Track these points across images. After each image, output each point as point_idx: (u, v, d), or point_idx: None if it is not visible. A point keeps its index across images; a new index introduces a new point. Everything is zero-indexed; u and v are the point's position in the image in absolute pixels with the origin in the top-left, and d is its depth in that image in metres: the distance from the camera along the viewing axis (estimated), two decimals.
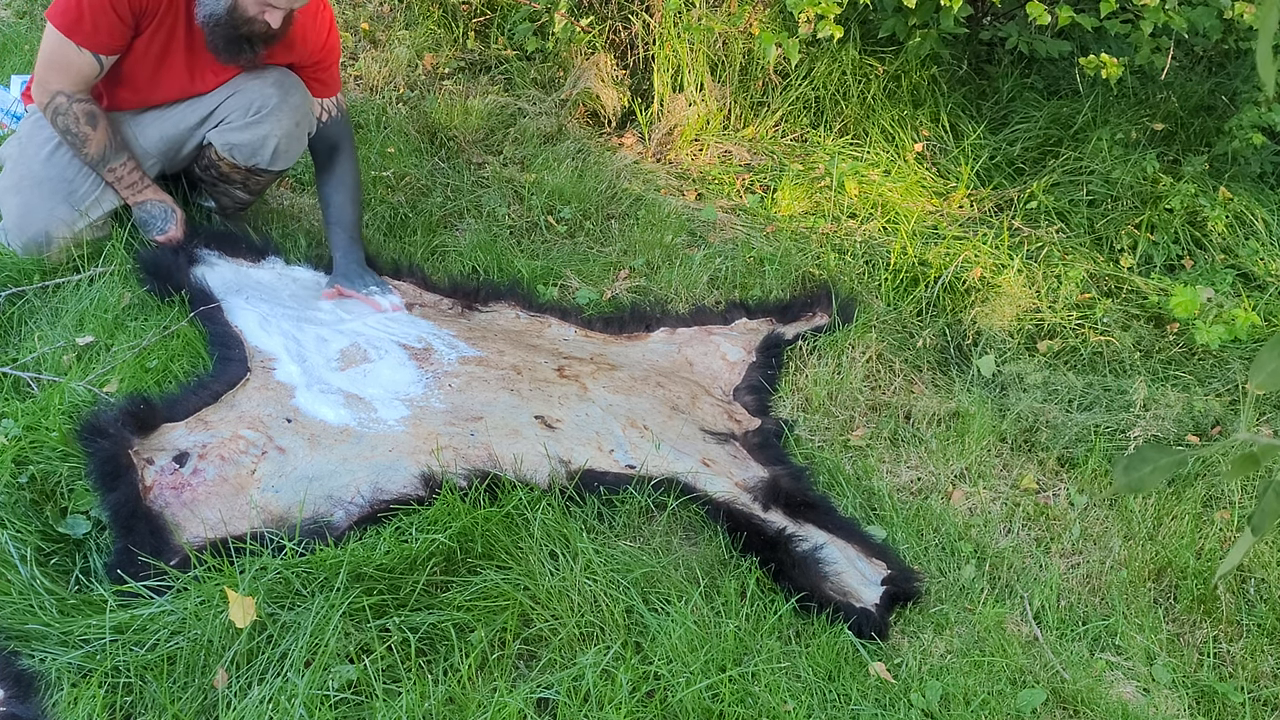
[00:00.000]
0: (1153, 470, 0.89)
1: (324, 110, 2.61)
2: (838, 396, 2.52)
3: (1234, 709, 1.89)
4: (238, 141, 2.49)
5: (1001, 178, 3.48)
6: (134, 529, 1.77)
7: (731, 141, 3.65)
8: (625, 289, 2.89)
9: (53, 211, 2.39)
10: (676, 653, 1.73)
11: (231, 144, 2.49)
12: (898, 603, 1.97)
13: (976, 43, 3.81)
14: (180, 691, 1.58)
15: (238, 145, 2.49)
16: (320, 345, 2.32)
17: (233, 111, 2.48)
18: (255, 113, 2.47)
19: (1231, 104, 3.48)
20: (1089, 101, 3.50)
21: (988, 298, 2.91)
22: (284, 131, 2.49)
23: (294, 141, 2.53)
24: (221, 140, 2.49)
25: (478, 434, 2.11)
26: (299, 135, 2.54)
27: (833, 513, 2.16)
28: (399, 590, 1.74)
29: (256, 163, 2.52)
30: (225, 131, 2.49)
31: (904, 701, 1.77)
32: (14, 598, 1.68)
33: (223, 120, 2.49)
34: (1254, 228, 3.22)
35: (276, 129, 2.48)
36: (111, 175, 2.40)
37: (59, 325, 2.28)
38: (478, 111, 3.57)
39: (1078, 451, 2.44)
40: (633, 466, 2.11)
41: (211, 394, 2.11)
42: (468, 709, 1.60)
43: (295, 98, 2.50)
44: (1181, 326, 2.87)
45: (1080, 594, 2.09)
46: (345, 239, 2.59)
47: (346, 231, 2.59)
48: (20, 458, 1.89)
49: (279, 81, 2.48)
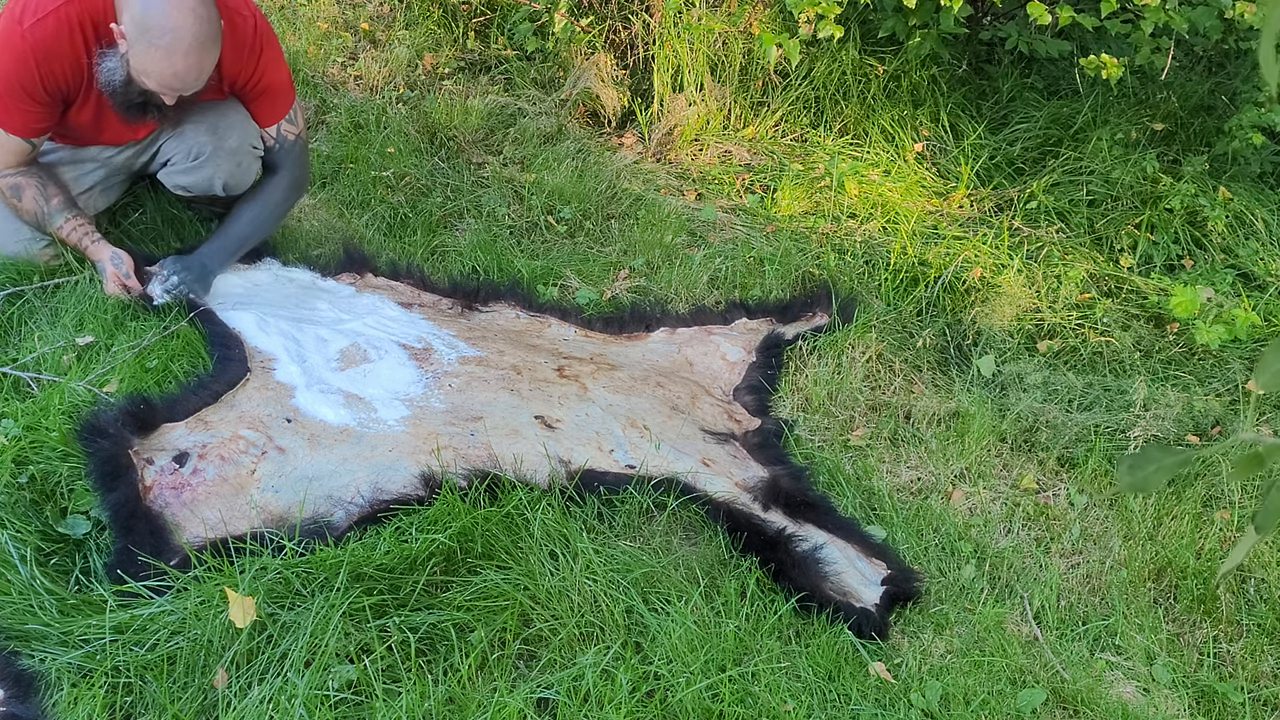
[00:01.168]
0: (1157, 470, 0.89)
1: (270, 137, 2.53)
2: (838, 396, 2.52)
3: (1234, 709, 1.89)
4: (186, 183, 2.51)
5: (1001, 178, 3.48)
6: (134, 529, 1.77)
7: (731, 141, 3.65)
8: (625, 289, 2.89)
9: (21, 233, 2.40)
10: (676, 653, 1.73)
11: (181, 185, 2.51)
12: (898, 603, 1.97)
13: (976, 43, 3.81)
14: (180, 691, 1.58)
15: (187, 186, 2.51)
16: (320, 345, 2.32)
17: (175, 153, 2.49)
18: (194, 158, 2.47)
19: (1231, 104, 3.48)
20: (1089, 101, 3.50)
21: (988, 298, 2.91)
22: (226, 173, 2.48)
23: (239, 177, 2.51)
24: (171, 182, 2.52)
25: (478, 434, 2.11)
26: (244, 171, 2.51)
27: (833, 513, 2.16)
28: (399, 590, 1.74)
29: (211, 194, 2.53)
30: (172, 174, 2.50)
31: (904, 701, 1.77)
32: (14, 598, 1.68)
33: (168, 160, 2.50)
34: (1254, 228, 3.22)
35: (219, 172, 2.48)
36: (60, 234, 2.38)
37: (59, 325, 2.28)
38: (478, 111, 3.57)
39: (1078, 451, 2.44)
40: (633, 466, 2.11)
41: (211, 394, 2.11)
42: (468, 709, 1.60)
43: (230, 141, 2.46)
44: (1181, 326, 2.87)
45: (1080, 594, 2.09)
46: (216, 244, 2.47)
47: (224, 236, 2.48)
48: (20, 458, 1.89)
49: (212, 127, 2.44)
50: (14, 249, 2.41)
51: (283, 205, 2.61)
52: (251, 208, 2.54)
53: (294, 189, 2.62)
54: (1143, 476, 0.90)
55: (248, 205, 2.54)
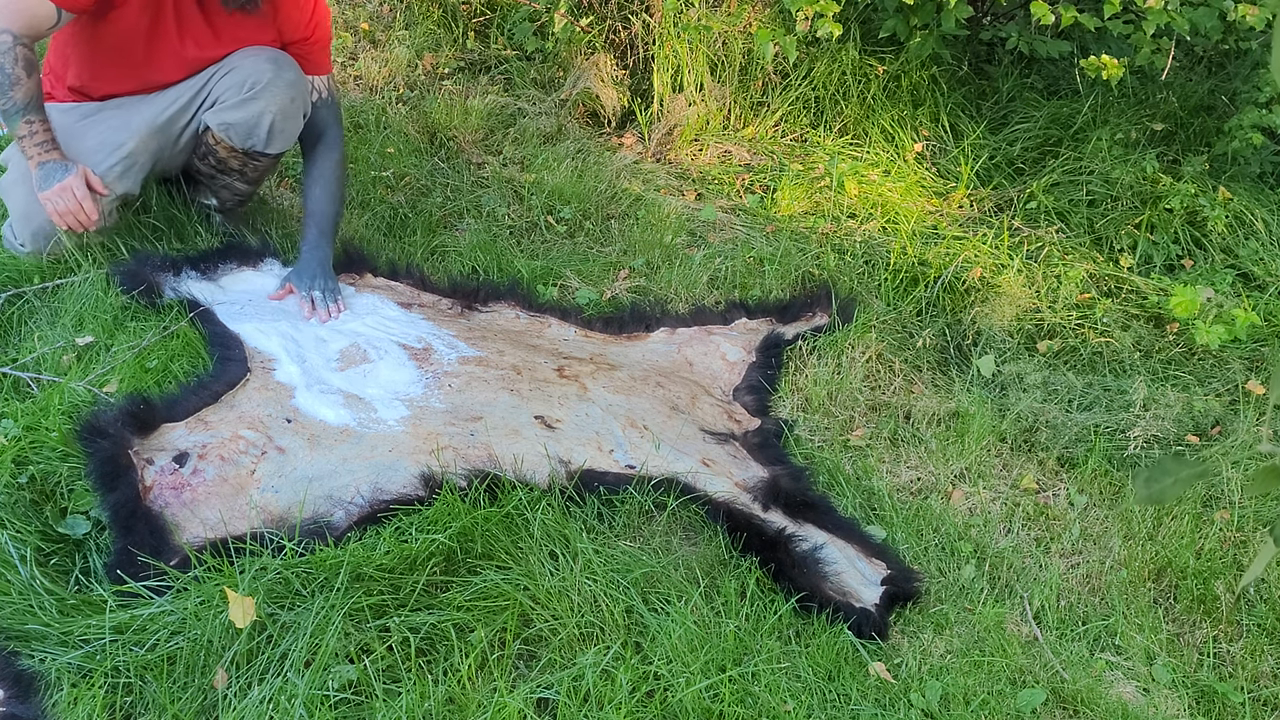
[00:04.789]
0: (1174, 482, 0.89)
1: (314, 90, 2.58)
2: (837, 396, 2.52)
3: (1234, 709, 1.89)
4: (233, 120, 2.45)
5: (1001, 178, 3.48)
6: (134, 529, 1.77)
7: (731, 141, 3.65)
8: (625, 289, 2.89)
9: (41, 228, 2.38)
10: (676, 653, 1.73)
11: (227, 123, 2.46)
12: (898, 603, 1.97)
13: (977, 43, 3.81)
14: (180, 691, 1.58)
15: (233, 125, 2.46)
16: (319, 345, 2.32)
17: (227, 89, 2.45)
18: (249, 89, 2.43)
19: (1231, 104, 3.48)
20: (1089, 101, 3.50)
21: (987, 298, 2.91)
22: (279, 108, 2.45)
23: (289, 120, 2.49)
24: (217, 120, 2.46)
25: (477, 434, 2.11)
26: (294, 113, 2.50)
27: (832, 513, 2.16)
28: (399, 590, 1.74)
29: (253, 144, 2.49)
30: (220, 111, 2.46)
31: (904, 701, 1.77)
32: (14, 598, 1.68)
33: (217, 99, 2.46)
34: (1254, 228, 3.22)
35: (271, 105, 2.44)
36: (28, 128, 2.29)
37: (59, 325, 2.28)
38: (478, 111, 3.57)
39: (1077, 451, 2.44)
40: (633, 466, 2.11)
41: (211, 394, 2.10)
42: (468, 709, 1.60)
43: (289, 74, 2.47)
44: (1181, 326, 2.87)
45: (1080, 594, 2.09)
46: (314, 234, 2.53)
47: (317, 225, 2.54)
48: (20, 458, 1.89)
49: (274, 58, 2.46)
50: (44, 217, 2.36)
51: (342, 171, 2.65)
52: (321, 188, 2.57)
53: (343, 155, 2.65)
54: (1159, 489, 0.89)
55: (318, 187, 2.57)
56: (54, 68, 2.47)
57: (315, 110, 2.59)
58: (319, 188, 2.58)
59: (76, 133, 2.41)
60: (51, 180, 2.31)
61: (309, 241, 2.53)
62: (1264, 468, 0.90)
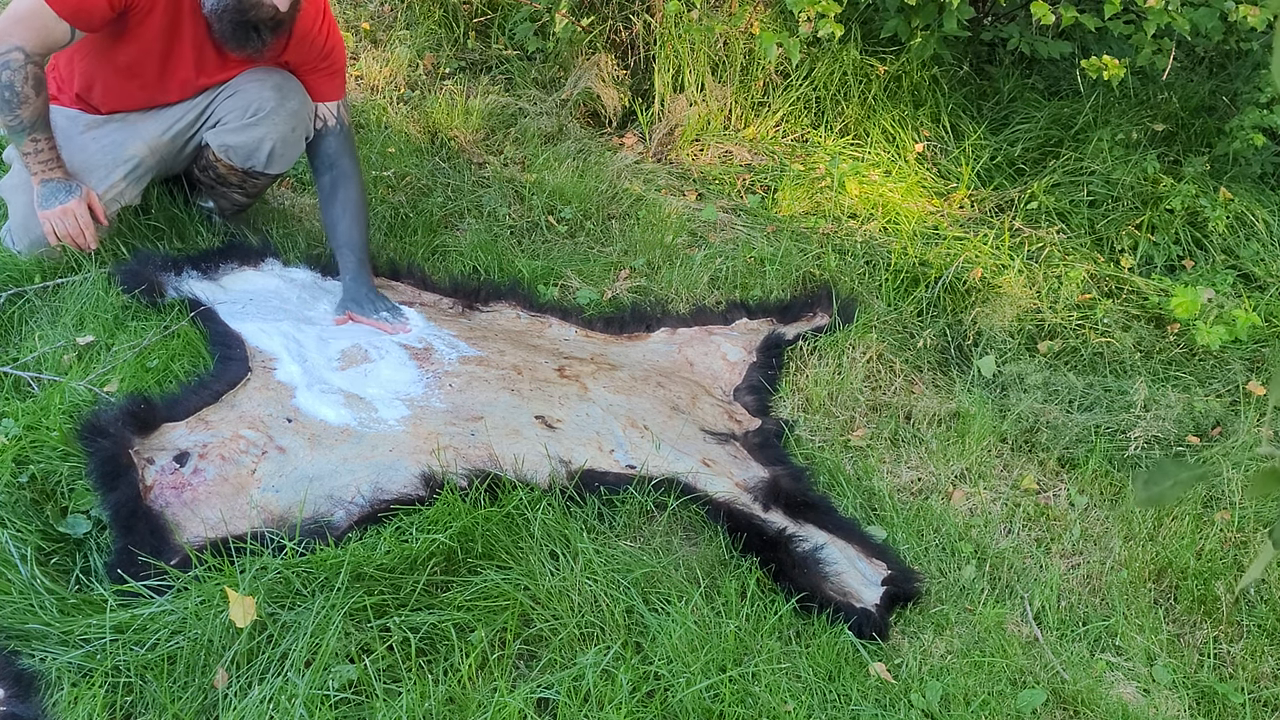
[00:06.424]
0: (1173, 484, 0.89)
1: (321, 118, 2.57)
2: (838, 397, 2.52)
3: (1234, 709, 1.89)
4: (233, 143, 2.48)
5: (1002, 178, 3.48)
6: (134, 529, 1.77)
7: (732, 142, 3.65)
8: (626, 289, 2.89)
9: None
10: (676, 653, 1.73)
11: (227, 145, 2.49)
12: (898, 603, 1.97)
13: (978, 43, 3.81)
14: (180, 691, 1.58)
15: (234, 147, 2.48)
16: (320, 345, 2.32)
17: (230, 112, 2.47)
18: (252, 115, 2.46)
19: (1232, 105, 3.48)
20: (1090, 102, 3.50)
21: (988, 298, 2.90)
22: (279, 136, 2.48)
23: (289, 146, 2.52)
24: (218, 141, 2.49)
25: (478, 434, 2.11)
26: (295, 140, 2.52)
27: (833, 513, 2.16)
28: (399, 590, 1.74)
29: (252, 165, 2.51)
30: (222, 132, 2.48)
31: (904, 702, 1.77)
32: (14, 597, 1.68)
33: (220, 121, 2.49)
34: (1254, 228, 3.22)
35: (272, 132, 2.47)
36: (33, 145, 2.30)
37: (59, 325, 2.28)
38: (478, 111, 3.57)
39: (1078, 452, 2.44)
40: (633, 466, 2.11)
41: (212, 394, 2.10)
42: (468, 709, 1.60)
43: (292, 103, 2.49)
44: (1182, 327, 2.87)
45: (1080, 594, 2.09)
46: (354, 262, 2.53)
47: (355, 254, 2.53)
48: (20, 457, 1.89)
49: (278, 85, 2.47)
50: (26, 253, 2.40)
51: (364, 199, 2.62)
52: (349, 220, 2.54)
53: (362, 183, 2.64)
54: (1158, 491, 0.89)
55: (346, 219, 2.54)
56: (61, 74, 2.48)
57: (325, 139, 2.57)
58: (347, 217, 2.55)
59: (79, 142, 2.43)
60: (54, 200, 2.34)
61: (350, 269, 2.52)
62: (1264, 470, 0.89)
